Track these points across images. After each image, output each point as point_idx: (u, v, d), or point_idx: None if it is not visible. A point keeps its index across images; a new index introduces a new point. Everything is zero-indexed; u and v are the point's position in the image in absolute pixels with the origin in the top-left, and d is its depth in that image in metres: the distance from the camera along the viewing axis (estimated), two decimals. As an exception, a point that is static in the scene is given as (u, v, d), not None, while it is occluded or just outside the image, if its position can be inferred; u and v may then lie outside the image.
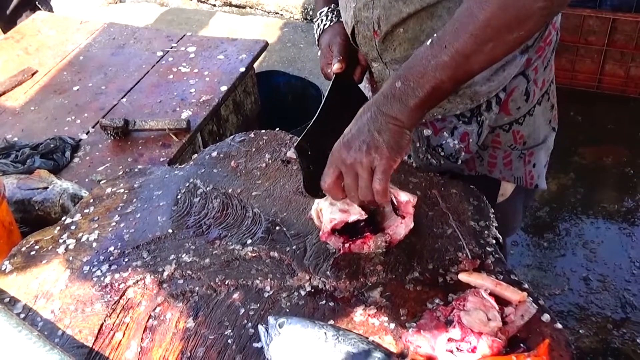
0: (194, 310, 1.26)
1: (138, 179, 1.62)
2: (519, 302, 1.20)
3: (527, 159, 1.65)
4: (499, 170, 1.65)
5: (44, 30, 3.03)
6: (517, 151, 1.63)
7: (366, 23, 1.49)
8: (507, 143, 1.61)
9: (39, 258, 1.41)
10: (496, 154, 1.63)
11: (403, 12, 1.41)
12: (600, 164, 3.44)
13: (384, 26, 1.46)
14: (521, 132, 1.60)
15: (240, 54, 2.72)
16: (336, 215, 1.32)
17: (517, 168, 1.65)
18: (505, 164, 1.64)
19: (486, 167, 1.66)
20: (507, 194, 1.72)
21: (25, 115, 2.48)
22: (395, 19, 1.43)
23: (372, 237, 1.34)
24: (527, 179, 1.68)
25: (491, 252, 1.34)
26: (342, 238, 1.34)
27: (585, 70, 3.77)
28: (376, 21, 1.46)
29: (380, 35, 1.47)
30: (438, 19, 1.39)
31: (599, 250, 2.99)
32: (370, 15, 1.47)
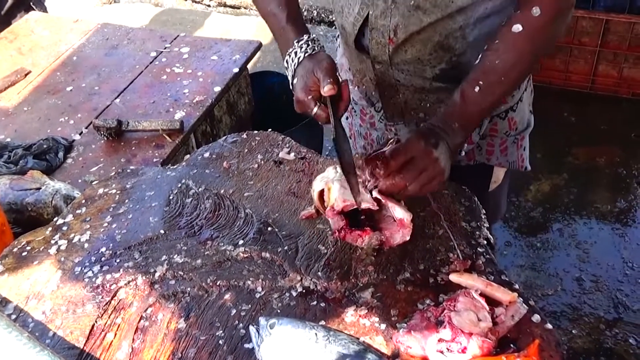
0: (186, 311, 1.26)
1: (130, 180, 1.62)
2: (510, 302, 1.20)
3: (519, 143, 1.72)
4: (496, 157, 1.71)
5: (37, 31, 3.02)
6: (511, 137, 1.69)
7: (382, 30, 1.49)
8: (503, 130, 1.67)
9: (30, 259, 1.41)
10: (493, 141, 1.69)
11: (423, 22, 1.44)
12: (594, 164, 3.45)
13: (402, 34, 1.47)
14: (514, 118, 1.66)
15: (234, 54, 2.72)
16: (350, 197, 1.32)
17: (512, 153, 1.72)
18: (502, 150, 1.70)
19: (485, 156, 1.71)
20: (499, 180, 1.79)
21: (18, 115, 2.48)
22: (415, 27, 1.45)
23: (370, 232, 1.34)
24: (519, 163, 1.75)
25: (482, 253, 1.34)
26: (344, 222, 1.34)
27: (579, 71, 3.78)
28: (393, 29, 1.47)
29: (397, 42, 1.49)
30: (450, 20, 1.43)
31: (591, 251, 3.00)
32: (387, 23, 1.47)
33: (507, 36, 1.36)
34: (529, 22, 1.34)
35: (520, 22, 1.34)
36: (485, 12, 1.44)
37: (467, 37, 1.47)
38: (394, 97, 1.63)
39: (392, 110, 1.68)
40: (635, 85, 3.74)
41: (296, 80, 1.41)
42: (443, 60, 1.51)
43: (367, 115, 1.78)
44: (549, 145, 1.66)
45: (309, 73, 1.37)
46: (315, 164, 1.59)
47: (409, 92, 1.60)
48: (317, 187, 1.40)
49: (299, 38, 1.44)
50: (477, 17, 1.44)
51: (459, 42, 1.48)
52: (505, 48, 1.36)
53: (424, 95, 1.60)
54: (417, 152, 1.32)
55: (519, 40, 1.35)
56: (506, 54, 1.36)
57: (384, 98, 1.66)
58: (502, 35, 1.37)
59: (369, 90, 1.69)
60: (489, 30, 1.46)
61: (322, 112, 1.36)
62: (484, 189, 1.77)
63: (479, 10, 1.43)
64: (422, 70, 1.54)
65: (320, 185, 1.39)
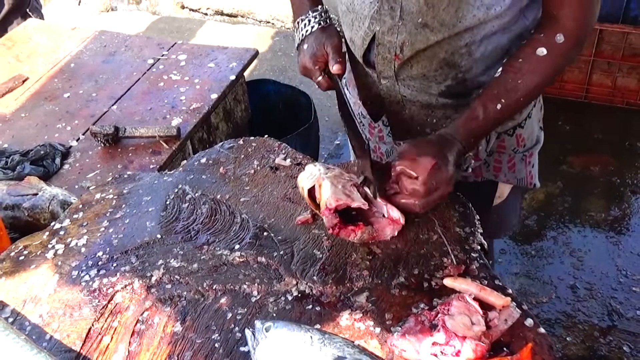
0: (182, 314, 1.27)
1: (127, 185, 1.63)
2: (503, 306, 1.21)
3: (528, 160, 1.72)
4: (503, 174, 1.71)
5: (35, 38, 3.04)
6: (519, 154, 1.69)
7: (388, 47, 1.51)
8: (511, 147, 1.67)
9: (27, 263, 1.42)
10: (501, 158, 1.69)
11: (430, 40, 1.45)
12: (588, 172, 3.47)
13: (408, 51, 1.48)
14: (522, 135, 1.66)
15: (231, 62, 2.74)
16: (342, 196, 1.35)
17: (520, 170, 1.71)
18: (510, 167, 1.70)
19: (492, 172, 1.71)
20: (504, 195, 1.77)
21: (15, 121, 2.49)
22: (421, 45, 1.46)
23: (362, 227, 1.36)
24: (527, 180, 1.75)
25: (476, 258, 1.35)
26: (337, 219, 1.36)
27: (573, 80, 3.81)
28: (399, 46, 1.49)
29: (402, 59, 1.50)
30: (456, 37, 1.44)
31: (586, 259, 3.02)
32: (394, 39, 1.48)
33: (532, 59, 1.42)
34: (553, 48, 1.40)
35: (545, 46, 1.41)
36: (492, 29, 1.45)
37: (473, 54, 1.48)
38: (400, 112, 1.64)
39: (399, 126, 1.68)
40: (629, 95, 3.77)
41: (306, 46, 1.56)
42: (449, 76, 1.52)
43: (375, 129, 1.77)
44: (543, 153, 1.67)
45: (320, 45, 1.52)
46: (311, 170, 1.60)
47: (415, 108, 1.61)
48: (306, 185, 1.42)
49: (314, 8, 1.58)
50: (484, 35, 1.45)
51: (464, 59, 1.49)
52: (529, 70, 1.42)
53: (430, 111, 1.61)
54: (432, 172, 1.34)
55: (542, 64, 1.41)
56: (529, 75, 1.42)
57: (391, 114, 1.66)
58: (526, 57, 1.43)
59: (374, 106, 1.70)
60: (495, 46, 1.48)
61: (325, 82, 1.54)
62: (487, 204, 1.78)
63: (485, 28, 1.44)
64: (428, 86, 1.55)
65: (309, 182, 1.42)
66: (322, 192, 1.38)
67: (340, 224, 1.36)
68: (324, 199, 1.36)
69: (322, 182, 1.39)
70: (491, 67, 1.51)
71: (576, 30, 1.41)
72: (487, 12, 1.40)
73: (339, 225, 1.36)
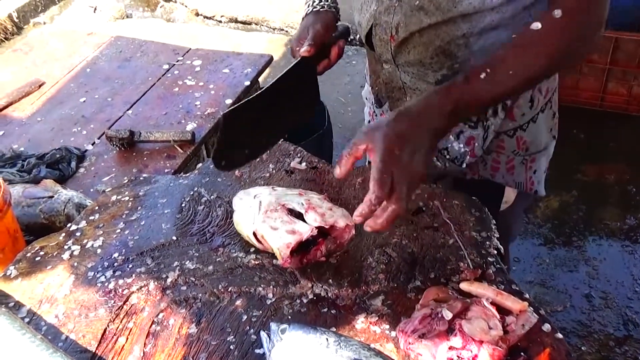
0: (197, 316, 1.26)
1: (143, 187, 1.64)
2: (520, 311, 1.20)
3: (529, 165, 1.68)
4: (501, 174, 1.69)
5: (52, 43, 3.06)
6: (519, 157, 1.66)
7: (384, 27, 1.52)
8: (511, 148, 1.64)
9: (44, 263, 1.42)
10: (499, 158, 1.66)
11: (423, 22, 1.45)
12: (603, 181, 3.45)
13: (402, 32, 1.49)
14: (524, 138, 1.63)
15: (246, 68, 2.75)
16: (288, 238, 1.30)
17: (519, 173, 1.69)
18: (508, 169, 1.68)
19: (489, 172, 1.68)
20: (511, 201, 1.76)
21: (32, 125, 2.51)
22: (415, 27, 1.46)
23: (323, 242, 1.33)
24: (527, 185, 1.71)
25: (492, 263, 1.34)
26: (300, 256, 1.33)
27: (589, 88, 3.79)
28: (395, 26, 1.50)
29: (397, 40, 1.51)
30: (453, 26, 1.43)
31: (601, 268, 3.00)
32: (390, 20, 1.50)
33: (524, 32, 1.32)
34: (548, 22, 1.30)
35: (540, 20, 1.30)
36: (491, 23, 1.44)
37: (471, 46, 1.48)
38: (400, 99, 1.65)
39: None
40: (644, 103, 3.75)
41: (299, 27, 1.61)
42: (445, 65, 1.52)
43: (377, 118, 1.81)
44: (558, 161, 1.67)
45: (305, 28, 1.57)
46: (326, 174, 1.60)
47: (416, 96, 1.61)
48: (247, 230, 1.37)
49: None
50: (482, 28, 1.44)
51: (461, 50, 1.48)
52: (518, 41, 1.32)
53: None
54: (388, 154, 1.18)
55: (535, 37, 1.30)
56: (521, 48, 1.31)
57: (392, 99, 1.68)
58: (519, 32, 1.33)
59: (380, 91, 1.72)
60: (494, 41, 1.47)
61: None
62: (494, 208, 1.76)
63: (484, 20, 1.43)
64: (425, 74, 1.56)
65: (249, 227, 1.36)
66: (269, 242, 1.33)
67: (304, 256, 1.33)
68: (275, 249, 1.32)
69: (262, 232, 1.33)
70: None
71: (576, 6, 1.30)
72: (483, 1, 1.39)
73: (305, 257, 1.33)
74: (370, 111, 1.91)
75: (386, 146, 1.18)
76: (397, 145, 1.18)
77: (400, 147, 1.18)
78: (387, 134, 1.19)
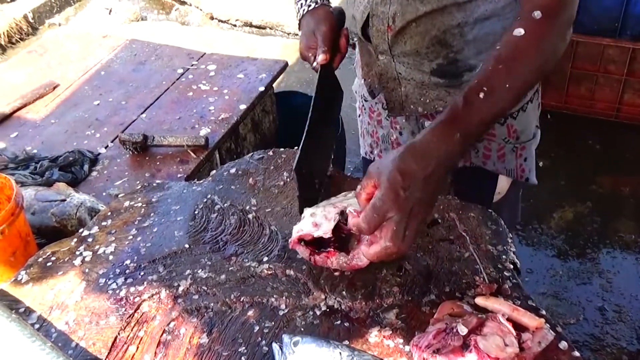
0: (208, 326, 1.25)
1: (156, 194, 1.63)
2: (537, 328, 1.18)
3: (519, 152, 1.72)
4: (492, 162, 1.72)
5: (67, 45, 3.07)
6: (510, 145, 1.70)
7: (381, 17, 1.54)
8: (502, 136, 1.68)
9: (55, 269, 1.41)
10: (490, 146, 1.70)
11: (419, 10, 1.48)
12: (618, 193, 3.41)
13: (399, 22, 1.52)
14: (515, 126, 1.67)
15: (260, 73, 2.74)
16: (305, 227, 1.31)
17: (510, 161, 1.72)
18: (499, 156, 1.71)
19: (480, 159, 1.72)
20: (504, 191, 1.79)
21: (45, 127, 2.51)
22: (411, 16, 1.50)
23: (335, 253, 1.31)
24: (518, 172, 1.75)
25: (509, 277, 1.32)
26: (309, 249, 1.33)
27: (604, 99, 3.76)
28: (392, 16, 1.52)
29: (394, 30, 1.54)
30: (448, 15, 1.48)
31: (615, 280, 2.97)
32: (387, 10, 1.53)
33: (509, 40, 1.29)
34: (530, 26, 1.28)
35: (522, 26, 1.29)
36: (485, 13, 1.47)
37: (466, 35, 1.51)
38: (395, 89, 1.67)
39: (394, 102, 1.71)
40: (661, 115, 3.71)
41: (301, 31, 1.63)
42: (440, 55, 1.55)
43: (374, 113, 1.85)
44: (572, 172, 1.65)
45: (310, 32, 1.58)
46: (342, 184, 1.59)
47: (410, 86, 1.64)
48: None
49: None
50: (476, 17, 1.48)
51: (456, 40, 1.52)
52: (507, 52, 1.28)
53: (424, 91, 1.63)
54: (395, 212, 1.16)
55: (521, 44, 1.28)
56: (509, 59, 1.27)
57: (386, 90, 1.69)
58: (504, 41, 1.30)
59: (373, 83, 1.74)
60: (488, 31, 1.50)
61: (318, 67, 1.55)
62: (487, 199, 1.77)
63: (477, 10, 1.47)
64: (420, 63, 1.58)
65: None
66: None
67: (313, 252, 1.33)
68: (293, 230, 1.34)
69: (305, 213, 1.36)
70: (483, 52, 1.53)
71: (553, 4, 1.29)
72: None
73: (313, 254, 1.33)
74: (360, 105, 1.94)
75: (390, 186, 1.16)
76: (402, 185, 1.15)
77: (405, 187, 1.16)
78: (392, 172, 1.17)
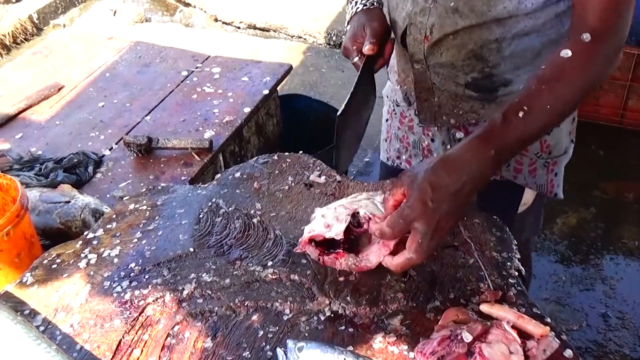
0: (213, 330, 1.25)
1: (161, 197, 1.63)
2: (541, 336, 1.18)
3: (551, 167, 1.71)
4: (523, 176, 1.70)
5: (72, 46, 3.07)
6: (542, 159, 1.68)
7: (419, 27, 1.53)
8: (534, 151, 1.66)
9: (60, 271, 1.42)
10: (522, 160, 1.68)
11: (458, 24, 1.47)
12: (622, 199, 3.41)
13: (436, 33, 1.51)
14: (548, 141, 1.65)
15: (265, 76, 2.74)
16: (317, 227, 1.32)
17: (541, 176, 1.70)
18: (530, 171, 1.69)
19: (512, 173, 1.70)
20: (529, 203, 1.78)
21: (50, 129, 2.51)
22: (449, 29, 1.48)
23: (344, 255, 1.32)
24: (548, 188, 1.73)
25: (513, 284, 1.32)
26: (318, 250, 1.34)
27: (609, 105, 3.75)
28: (429, 27, 1.51)
29: (431, 41, 1.53)
30: (487, 30, 1.45)
31: (618, 287, 2.96)
32: (425, 20, 1.51)
33: (555, 61, 1.28)
34: (579, 48, 1.27)
35: (570, 47, 1.27)
36: (524, 29, 1.45)
37: (503, 50, 1.49)
38: (429, 99, 1.67)
39: (426, 112, 1.70)
40: (665, 121, 3.70)
41: (349, 27, 1.59)
42: (475, 68, 1.54)
43: (406, 119, 1.84)
44: (576, 178, 1.65)
45: (360, 26, 1.55)
46: (346, 188, 1.59)
47: (444, 97, 1.63)
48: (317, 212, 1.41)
49: None
50: (515, 33, 1.46)
51: (493, 54, 1.50)
52: (552, 73, 1.27)
53: (458, 103, 1.63)
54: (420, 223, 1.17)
55: (567, 66, 1.27)
56: (553, 80, 1.26)
57: (420, 100, 1.69)
58: (549, 61, 1.29)
59: (409, 90, 1.73)
60: (526, 47, 1.48)
61: (359, 63, 1.53)
62: (512, 209, 1.76)
63: (517, 26, 1.44)
64: (455, 75, 1.57)
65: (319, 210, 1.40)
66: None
67: (323, 253, 1.33)
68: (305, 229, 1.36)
69: (315, 214, 1.37)
70: (520, 67, 1.52)
71: (604, 27, 1.27)
72: (517, 6, 1.40)
73: (322, 254, 1.33)
74: (389, 109, 1.93)
75: (419, 196, 1.16)
76: (431, 197, 1.16)
77: (434, 199, 1.16)
78: (423, 183, 1.17)
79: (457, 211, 1.19)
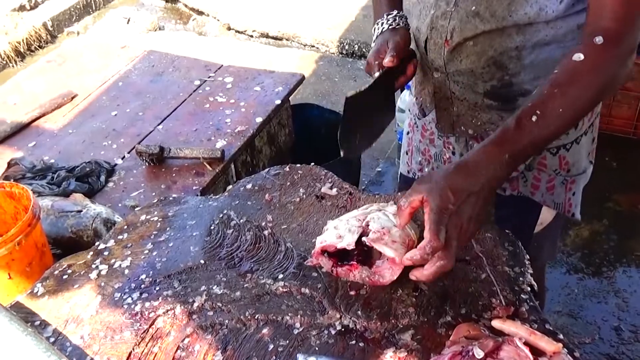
0: (223, 343, 1.25)
1: (172, 208, 1.63)
2: (554, 353, 1.17)
3: (569, 186, 1.69)
4: (541, 193, 1.69)
5: (85, 55, 3.09)
6: (560, 177, 1.66)
7: (440, 31, 1.53)
8: (553, 167, 1.65)
9: (71, 282, 1.42)
10: (540, 176, 1.66)
11: (478, 29, 1.47)
12: (635, 211, 3.38)
13: (457, 37, 1.51)
14: (567, 158, 1.64)
15: (277, 86, 2.74)
16: (329, 238, 1.32)
17: (559, 194, 1.69)
18: (548, 188, 1.68)
19: (529, 189, 1.69)
20: (546, 222, 1.75)
21: (63, 137, 2.52)
22: (469, 33, 1.48)
23: (358, 267, 1.32)
24: (566, 207, 1.72)
25: (526, 300, 1.31)
26: (332, 261, 1.33)
27: (622, 116, 3.73)
28: (450, 31, 1.51)
29: (451, 45, 1.52)
30: (507, 37, 1.45)
31: (631, 300, 2.93)
32: (446, 24, 1.51)
33: (568, 64, 1.29)
34: (592, 52, 1.28)
35: (582, 51, 1.29)
36: (545, 38, 1.45)
37: (523, 59, 1.48)
38: (447, 108, 1.67)
39: (445, 121, 1.71)
40: (679, 133, 3.67)
41: (373, 44, 1.61)
42: (495, 76, 1.53)
43: (427, 132, 1.83)
44: (589, 189, 1.64)
45: (384, 42, 1.57)
46: (357, 200, 1.58)
47: (463, 107, 1.63)
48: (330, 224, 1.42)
49: (389, 12, 1.63)
50: (535, 42, 1.45)
51: (513, 62, 1.49)
52: (564, 77, 1.29)
53: (476, 113, 1.62)
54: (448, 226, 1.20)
55: (579, 69, 1.28)
56: (566, 83, 1.28)
57: (439, 109, 1.69)
58: (562, 65, 1.31)
59: (425, 101, 1.74)
60: (546, 57, 1.47)
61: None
62: (529, 228, 1.75)
63: (537, 35, 1.44)
64: (475, 84, 1.57)
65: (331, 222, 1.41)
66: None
67: (336, 264, 1.33)
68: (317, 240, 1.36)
69: (328, 226, 1.38)
70: (540, 77, 1.50)
71: (617, 30, 1.28)
72: (538, 13, 1.40)
73: (335, 265, 1.33)
74: (410, 122, 1.93)
75: (441, 201, 1.19)
76: (452, 201, 1.19)
77: (455, 203, 1.19)
78: (443, 188, 1.20)
79: (478, 213, 1.23)
